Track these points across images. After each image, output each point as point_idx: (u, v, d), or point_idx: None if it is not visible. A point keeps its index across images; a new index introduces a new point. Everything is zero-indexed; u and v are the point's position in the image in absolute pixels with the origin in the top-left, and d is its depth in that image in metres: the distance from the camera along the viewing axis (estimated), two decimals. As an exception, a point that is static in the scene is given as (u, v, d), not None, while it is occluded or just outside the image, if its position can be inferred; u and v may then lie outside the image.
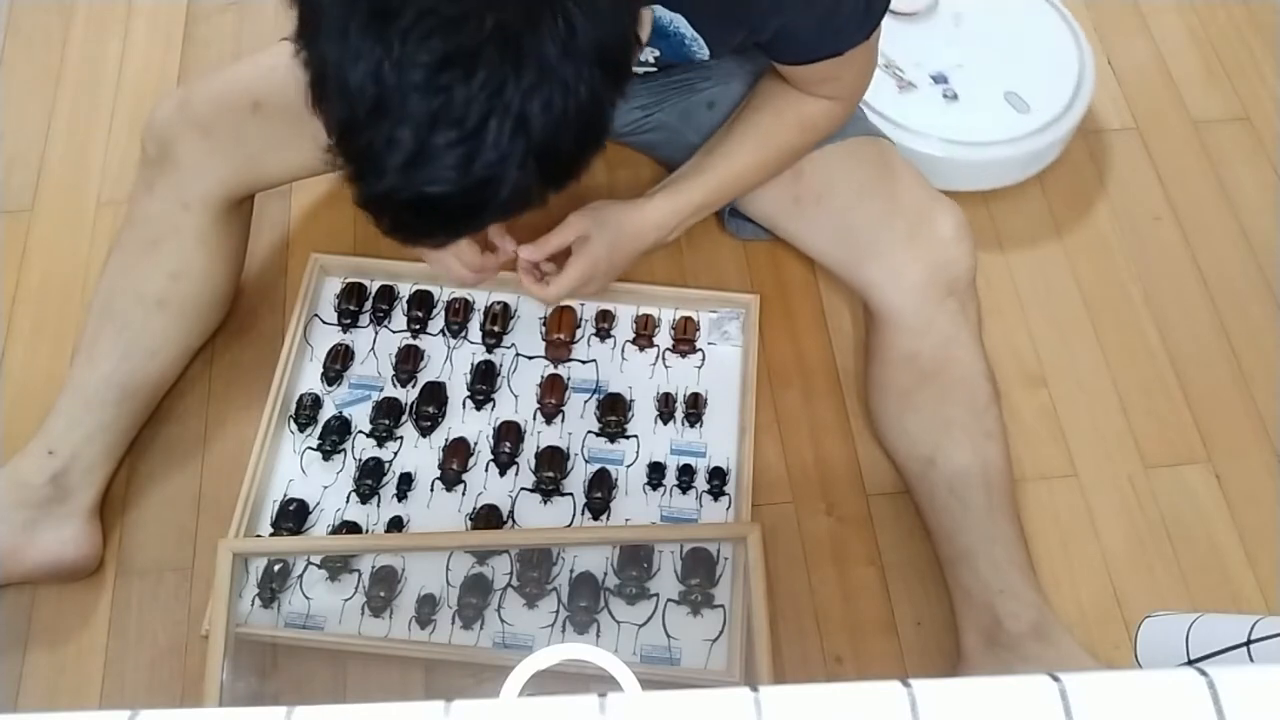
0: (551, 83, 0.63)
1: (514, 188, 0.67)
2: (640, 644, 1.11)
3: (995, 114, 1.42)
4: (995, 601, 1.09)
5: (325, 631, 1.11)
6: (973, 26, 1.50)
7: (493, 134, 0.63)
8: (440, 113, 0.63)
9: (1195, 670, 0.47)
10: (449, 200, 0.67)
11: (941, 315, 1.13)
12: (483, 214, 0.70)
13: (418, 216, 0.69)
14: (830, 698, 0.47)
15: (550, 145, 0.66)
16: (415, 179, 0.65)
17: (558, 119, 0.64)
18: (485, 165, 0.65)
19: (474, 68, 0.62)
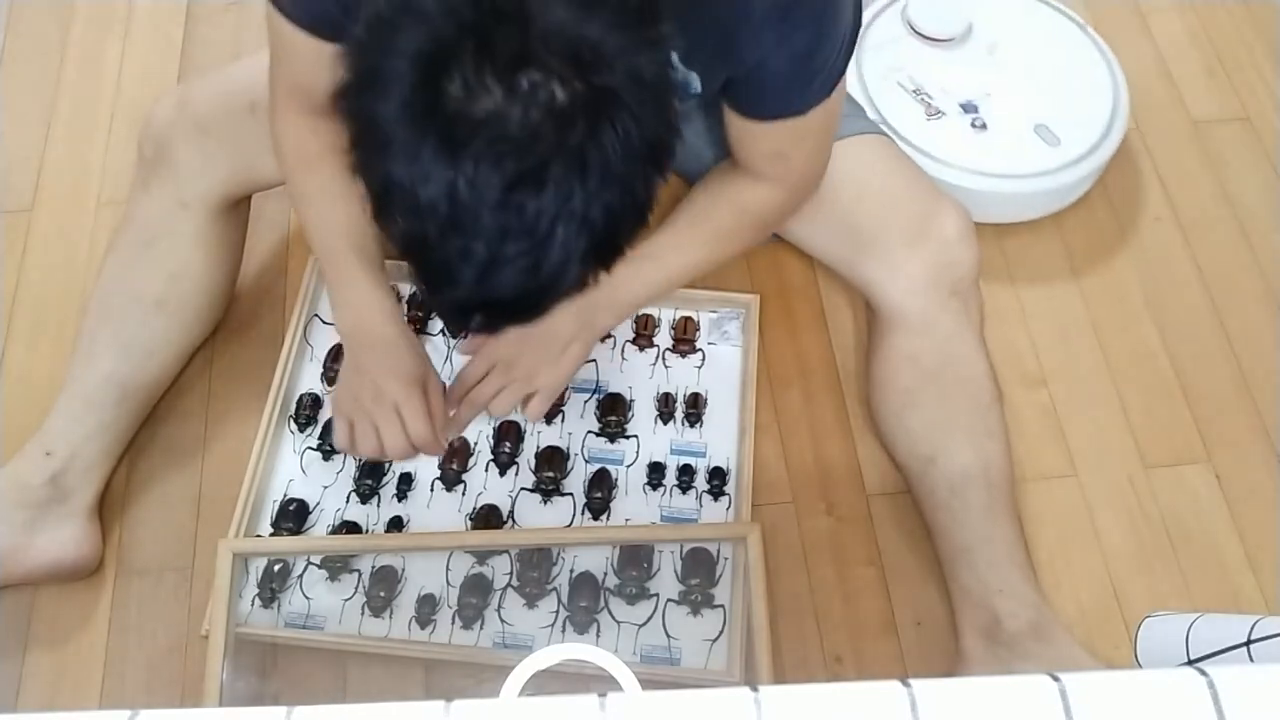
0: (614, 185, 0.66)
1: (574, 278, 0.70)
2: (640, 644, 1.11)
3: (1024, 146, 1.40)
4: (994, 600, 1.09)
5: (325, 631, 1.11)
6: (1006, 55, 1.48)
7: (559, 238, 0.66)
8: (512, 226, 0.65)
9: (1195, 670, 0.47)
10: (515, 301, 0.70)
11: (944, 314, 1.13)
12: (543, 306, 0.73)
13: (484, 316, 0.73)
14: (830, 698, 0.47)
15: (608, 239, 0.69)
16: (484, 287, 0.68)
17: (616, 216, 0.67)
18: (551, 267, 0.67)
19: (544, 183, 0.64)
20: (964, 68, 1.46)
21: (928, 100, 1.42)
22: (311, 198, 1.04)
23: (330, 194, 1.02)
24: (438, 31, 0.63)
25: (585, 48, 0.63)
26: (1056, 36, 1.51)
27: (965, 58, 1.47)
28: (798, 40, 0.89)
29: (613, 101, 0.64)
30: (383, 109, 0.65)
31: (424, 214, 0.66)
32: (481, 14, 0.63)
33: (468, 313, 0.73)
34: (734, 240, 1.10)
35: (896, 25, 1.50)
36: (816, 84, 0.94)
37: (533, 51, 0.62)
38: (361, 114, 0.67)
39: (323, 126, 1.01)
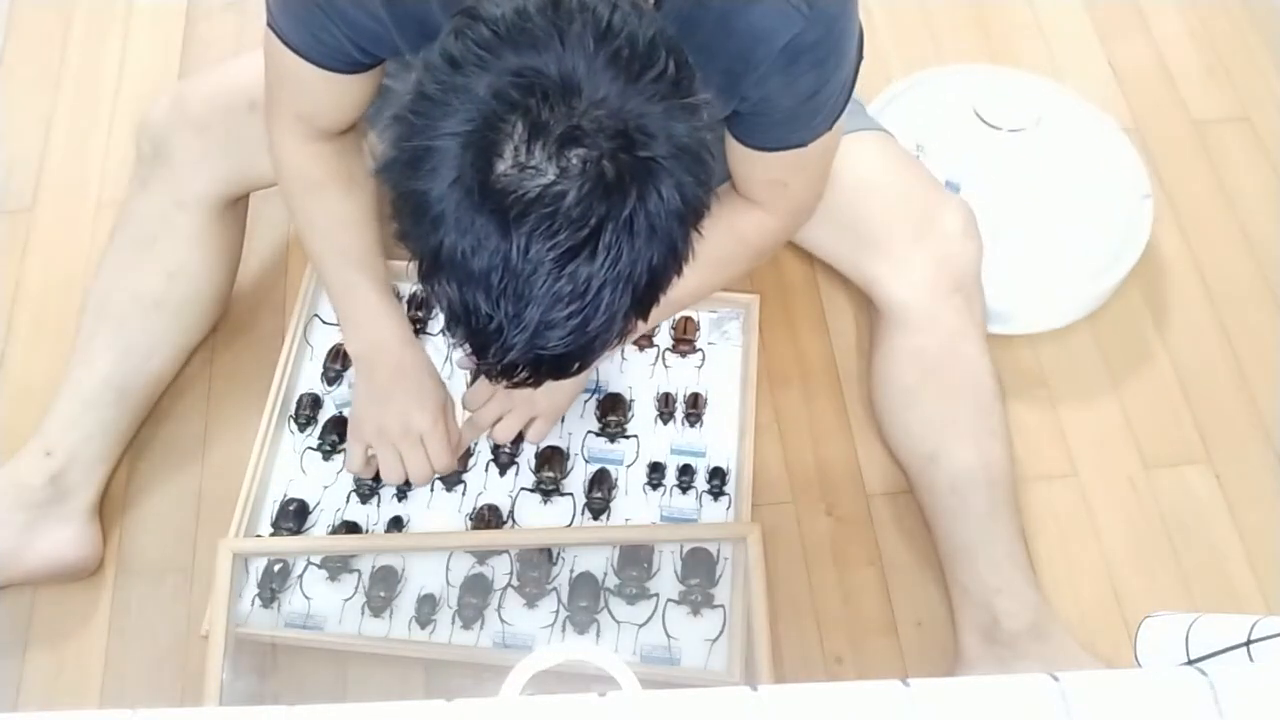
0: (658, 245, 0.68)
1: (618, 331, 0.72)
2: (640, 644, 1.11)
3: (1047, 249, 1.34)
4: (994, 600, 1.09)
5: (325, 631, 1.11)
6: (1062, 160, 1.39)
7: (606, 299, 0.68)
8: (564, 292, 0.67)
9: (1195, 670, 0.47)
10: (562, 357, 0.71)
11: (947, 311, 1.13)
12: (589, 359, 0.74)
13: (529, 372, 0.74)
14: (830, 698, 0.47)
15: (650, 293, 0.71)
16: (534, 347, 0.70)
17: (658, 272, 0.70)
18: (597, 326, 0.69)
19: (595, 250, 0.66)
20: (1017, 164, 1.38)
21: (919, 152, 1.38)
22: (316, 224, 1.07)
23: (337, 219, 1.06)
24: (486, 111, 0.65)
25: (631, 123, 0.65)
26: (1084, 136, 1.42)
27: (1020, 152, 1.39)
28: (803, 83, 0.89)
29: (657, 170, 0.67)
30: (435, 187, 0.67)
31: (477, 283, 0.68)
32: (528, 93, 0.64)
33: (515, 373, 0.74)
34: (730, 266, 1.10)
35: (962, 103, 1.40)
36: (819, 119, 0.94)
37: (582, 129, 0.64)
38: (411, 191, 0.68)
39: (326, 151, 1.04)
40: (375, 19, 0.85)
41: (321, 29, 0.89)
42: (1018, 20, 1.66)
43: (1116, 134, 1.44)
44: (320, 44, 0.90)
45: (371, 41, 0.89)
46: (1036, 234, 1.36)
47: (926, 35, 1.63)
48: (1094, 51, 1.63)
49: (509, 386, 0.77)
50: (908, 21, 1.63)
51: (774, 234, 1.09)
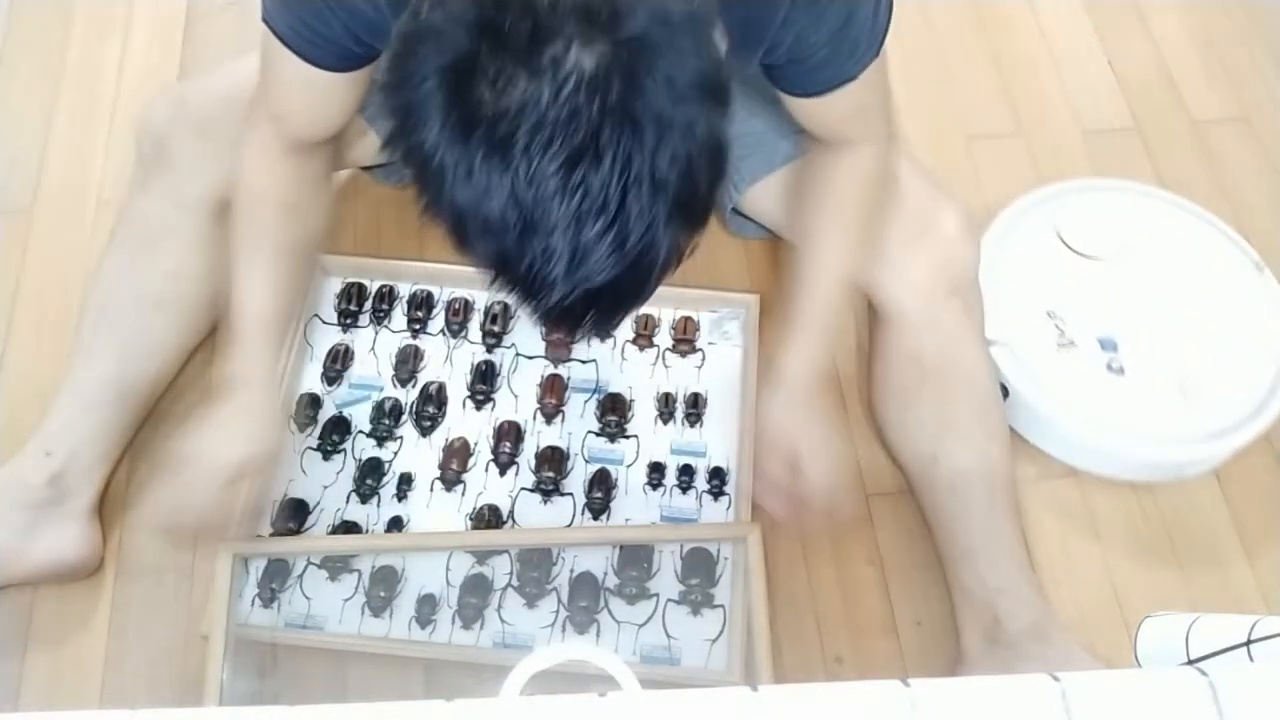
0: (672, 135, 0.64)
1: (668, 247, 0.67)
2: (640, 644, 1.11)
3: (1163, 403, 1.21)
4: (995, 600, 1.09)
5: (325, 631, 1.11)
6: (1164, 289, 1.28)
7: (635, 206, 0.64)
8: (583, 208, 0.63)
9: (1195, 670, 0.47)
10: (614, 285, 0.67)
11: (945, 314, 1.13)
12: (647, 284, 0.70)
13: (589, 311, 0.70)
14: (830, 698, 0.47)
15: (687, 192, 0.66)
16: (578, 279, 0.66)
17: (686, 164, 0.65)
18: (638, 238, 0.65)
19: (600, 153, 0.62)
20: (1112, 295, 1.27)
21: (1060, 326, 1.24)
22: (244, 243, 1.05)
23: (264, 242, 1.05)
24: (451, 42, 0.62)
25: (596, 3, 0.61)
26: (1225, 272, 1.29)
27: (1116, 282, 1.28)
28: (831, 15, 0.88)
29: (643, 50, 0.62)
30: (428, 138, 0.64)
31: (496, 229, 0.65)
32: (485, 8, 0.62)
33: (575, 314, 0.70)
34: (874, 214, 1.08)
35: (1043, 230, 1.32)
36: (862, 49, 0.94)
37: (544, 25, 0.61)
38: (412, 153, 0.66)
39: (287, 171, 1.04)
40: (374, 6, 0.85)
41: (317, 17, 0.88)
42: (1018, 20, 1.66)
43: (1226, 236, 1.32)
44: (313, 34, 0.90)
45: (368, 30, 0.89)
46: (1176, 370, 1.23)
47: (927, 35, 1.63)
48: (1094, 51, 1.63)
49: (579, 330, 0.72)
50: (908, 22, 1.63)
51: (883, 157, 1.07)
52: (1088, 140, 1.53)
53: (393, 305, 1.30)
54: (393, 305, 1.30)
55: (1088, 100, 1.57)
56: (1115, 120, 1.56)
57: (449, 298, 1.31)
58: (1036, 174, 1.50)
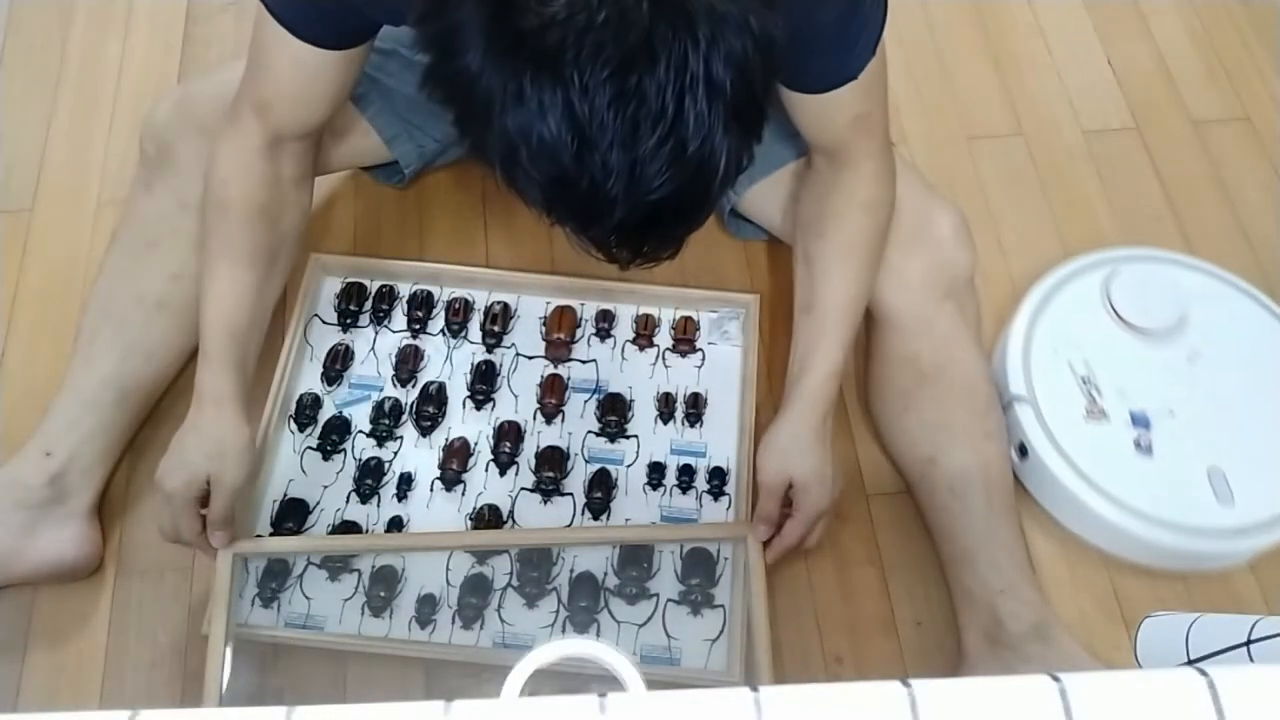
0: (726, 29, 0.61)
1: (727, 155, 0.65)
2: (640, 644, 1.11)
3: (1189, 491, 1.15)
4: (996, 601, 1.09)
5: (325, 631, 1.11)
6: (1208, 370, 1.23)
7: (692, 111, 0.61)
8: (639, 116, 0.61)
9: (1195, 670, 0.47)
10: (675, 199, 0.64)
11: (940, 316, 1.13)
12: (709, 196, 0.67)
13: (651, 230, 0.67)
14: (830, 698, 0.47)
15: (743, 94, 0.64)
16: (638, 195, 0.63)
17: (743, 63, 0.62)
18: (697, 146, 0.63)
19: (654, 54, 0.60)
20: (1152, 369, 1.22)
21: (1094, 394, 1.20)
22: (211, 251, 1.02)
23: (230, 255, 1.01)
24: None
25: None
26: (1276, 366, 1.24)
27: (1159, 358, 1.23)
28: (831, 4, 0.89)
29: None
30: (471, 63, 0.62)
31: (552, 150, 0.62)
32: None
33: (636, 235, 0.67)
34: (880, 242, 1.06)
35: (1092, 295, 1.27)
36: (861, 43, 0.94)
37: None
38: (456, 84, 0.64)
39: (264, 171, 1.01)
40: None
41: None
42: (1018, 20, 1.66)
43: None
44: (311, 5, 0.89)
45: (370, 2, 0.88)
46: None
47: (927, 35, 1.63)
48: (1094, 51, 1.63)
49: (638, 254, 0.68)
50: (908, 22, 1.63)
51: (886, 177, 1.05)
52: (1088, 140, 1.53)
53: (393, 305, 1.30)
54: (393, 305, 1.30)
55: (1088, 100, 1.58)
56: (1115, 120, 1.56)
57: (449, 298, 1.31)
58: (1036, 174, 1.50)
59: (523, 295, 1.32)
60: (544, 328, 1.30)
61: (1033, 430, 1.19)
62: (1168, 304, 1.25)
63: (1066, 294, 1.28)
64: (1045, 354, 1.23)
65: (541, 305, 1.31)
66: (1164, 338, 1.24)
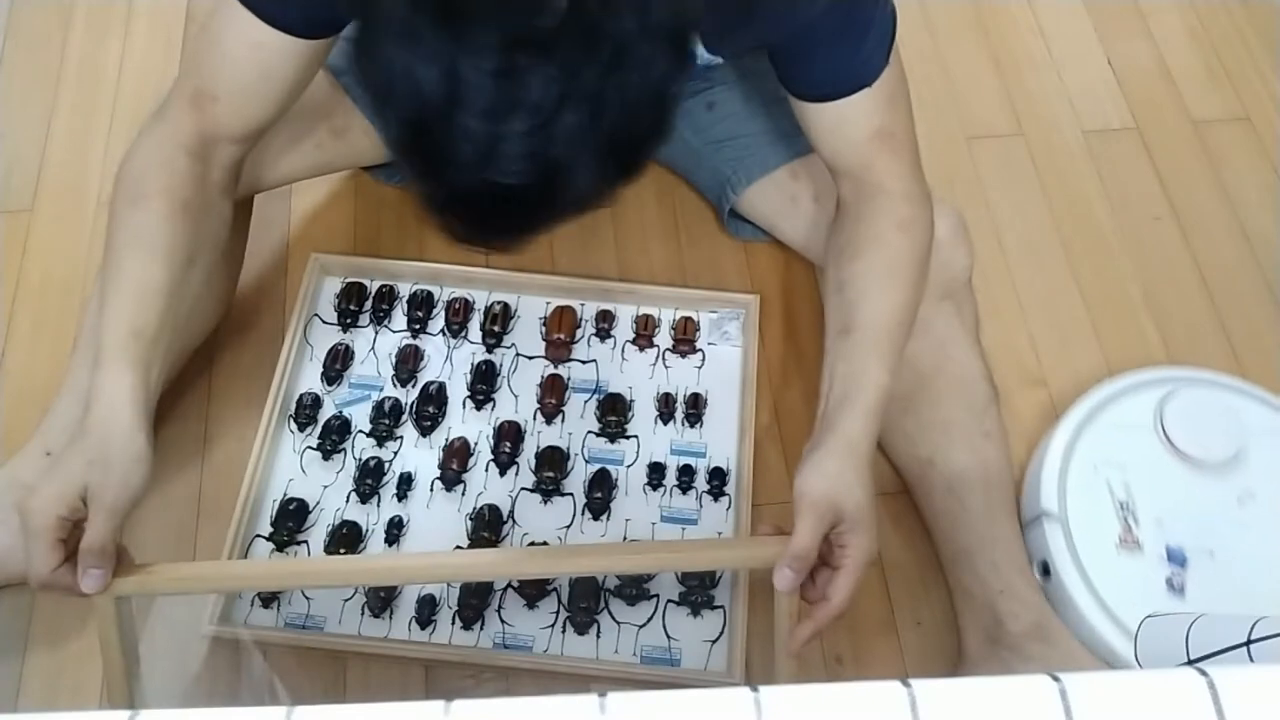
0: (627, 63, 0.62)
1: (590, 180, 0.65)
2: (640, 645, 1.11)
3: None
4: (996, 602, 1.09)
5: (325, 631, 1.11)
6: (1259, 516, 1.13)
7: (567, 120, 0.61)
8: (514, 99, 0.61)
9: (1195, 670, 0.47)
10: (523, 193, 0.64)
11: (938, 317, 1.13)
12: (554, 207, 0.67)
13: (490, 213, 0.67)
14: (830, 698, 0.47)
15: (623, 132, 0.64)
16: (488, 170, 0.63)
17: (632, 103, 0.63)
18: (561, 154, 0.62)
19: (549, 49, 0.60)
20: (1198, 505, 1.13)
21: (1131, 522, 1.12)
22: (119, 244, 0.92)
23: (139, 249, 0.91)
24: None
25: None
26: None
27: (1207, 493, 1.15)
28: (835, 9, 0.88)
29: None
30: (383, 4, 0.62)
31: (423, 94, 0.62)
32: None
33: (473, 213, 0.67)
34: (920, 267, 0.99)
35: (1144, 414, 1.18)
36: (869, 43, 0.93)
37: None
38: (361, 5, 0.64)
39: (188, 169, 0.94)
40: None
41: None
42: (1018, 20, 1.66)
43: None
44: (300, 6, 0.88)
45: None
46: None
47: (927, 35, 1.63)
48: (1094, 51, 1.63)
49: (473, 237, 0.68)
50: (909, 22, 1.63)
51: (920, 199, 1.00)
52: (1088, 140, 1.53)
53: (393, 305, 1.30)
54: (393, 305, 1.30)
55: (1088, 100, 1.57)
56: (1115, 120, 1.56)
57: (449, 298, 1.31)
58: (1036, 174, 1.50)
59: (523, 295, 1.32)
60: (544, 328, 1.30)
61: (1058, 551, 1.11)
62: (1226, 435, 1.16)
63: (1117, 409, 1.20)
64: (1084, 470, 1.15)
65: (541, 305, 1.31)
66: (1216, 472, 1.15)
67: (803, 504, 0.87)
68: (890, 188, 0.99)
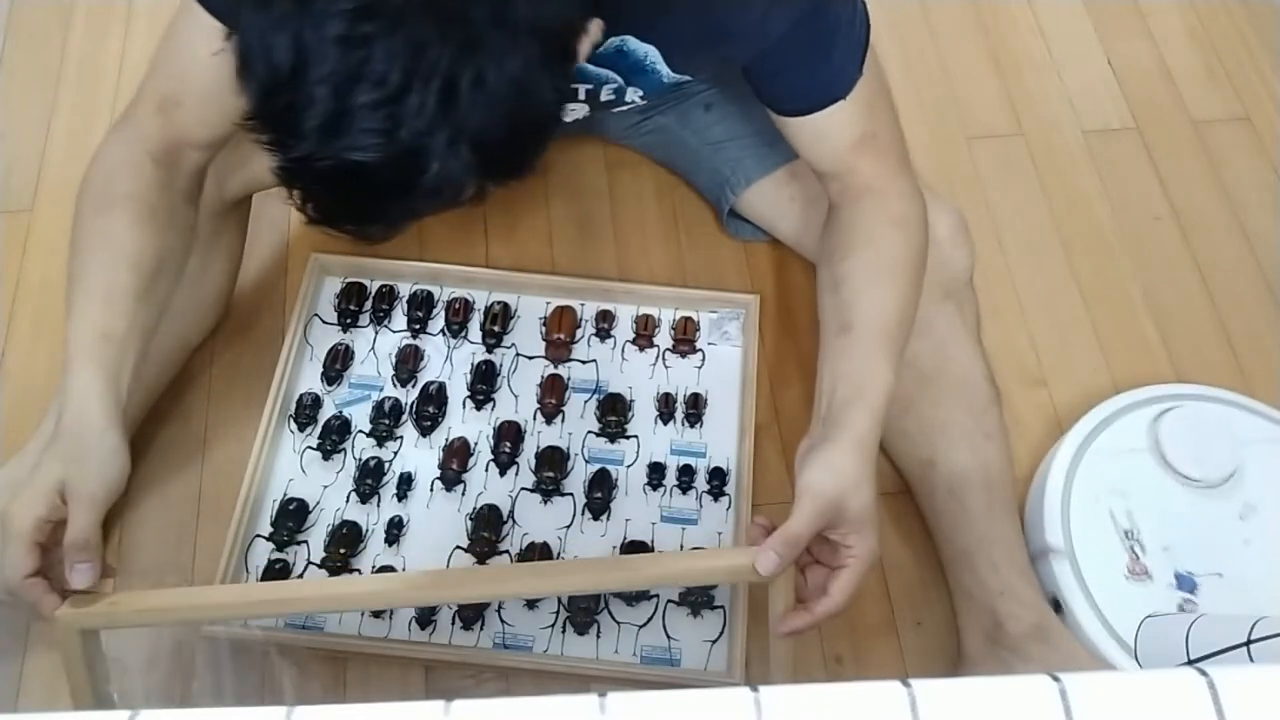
0: (480, 51, 0.62)
1: (444, 168, 0.64)
2: (640, 645, 1.11)
3: None
4: (996, 603, 1.09)
5: (325, 631, 1.11)
6: (1261, 530, 1.12)
7: (416, 98, 0.61)
8: (360, 70, 0.61)
9: (1195, 670, 0.47)
10: (374, 172, 0.63)
11: (939, 317, 1.13)
12: (412, 194, 0.66)
13: (343, 191, 0.66)
14: (830, 698, 0.47)
15: (483, 125, 0.64)
16: (336, 143, 0.63)
17: (490, 95, 0.63)
18: (411, 134, 0.62)
19: (396, 23, 0.61)
20: (1201, 526, 1.12)
21: (1137, 551, 1.11)
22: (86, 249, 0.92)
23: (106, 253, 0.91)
24: None
25: None
26: None
27: (1209, 512, 1.13)
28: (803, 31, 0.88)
29: None
30: None
31: (273, 61, 0.62)
32: None
33: (325, 191, 0.66)
34: (917, 265, 0.98)
35: (1139, 437, 1.17)
36: (838, 56, 0.93)
37: None
38: None
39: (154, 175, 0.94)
40: None
41: None
42: (1018, 20, 1.66)
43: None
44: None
45: None
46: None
47: (927, 35, 1.63)
48: (1094, 51, 1.63)
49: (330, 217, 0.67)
50: (908, 22, 1.64)
51: (912, 196, 0.99)
52: (1088, 140, 1.53)
53: (393, 305, 1.30)
54: (393, 305, 1.30)
55: (1088, 100, 1.58)
56: (1115, 120, 1.56)
57: (449, 298, 1.31)
58: (1036, 174, 1.50)
59: (523, 295, 1.32)
60: (544, 328, 1.30)
61: (1068, 587, 1.10)
62: (1223, 452, 1.14)
63: (1112, 433, 1.18)
64: (1086, 502, 1.13)
65: (541, 305, 1.31)
66: (1216, 490, 1.14)
67: (806, 496, 0.86)
68: (879, 186, 0.99)
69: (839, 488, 0.86)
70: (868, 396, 0.91)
